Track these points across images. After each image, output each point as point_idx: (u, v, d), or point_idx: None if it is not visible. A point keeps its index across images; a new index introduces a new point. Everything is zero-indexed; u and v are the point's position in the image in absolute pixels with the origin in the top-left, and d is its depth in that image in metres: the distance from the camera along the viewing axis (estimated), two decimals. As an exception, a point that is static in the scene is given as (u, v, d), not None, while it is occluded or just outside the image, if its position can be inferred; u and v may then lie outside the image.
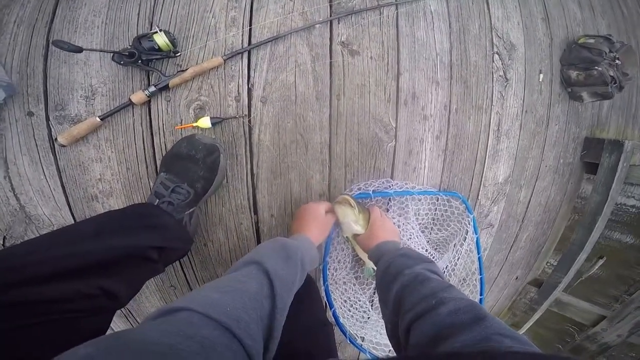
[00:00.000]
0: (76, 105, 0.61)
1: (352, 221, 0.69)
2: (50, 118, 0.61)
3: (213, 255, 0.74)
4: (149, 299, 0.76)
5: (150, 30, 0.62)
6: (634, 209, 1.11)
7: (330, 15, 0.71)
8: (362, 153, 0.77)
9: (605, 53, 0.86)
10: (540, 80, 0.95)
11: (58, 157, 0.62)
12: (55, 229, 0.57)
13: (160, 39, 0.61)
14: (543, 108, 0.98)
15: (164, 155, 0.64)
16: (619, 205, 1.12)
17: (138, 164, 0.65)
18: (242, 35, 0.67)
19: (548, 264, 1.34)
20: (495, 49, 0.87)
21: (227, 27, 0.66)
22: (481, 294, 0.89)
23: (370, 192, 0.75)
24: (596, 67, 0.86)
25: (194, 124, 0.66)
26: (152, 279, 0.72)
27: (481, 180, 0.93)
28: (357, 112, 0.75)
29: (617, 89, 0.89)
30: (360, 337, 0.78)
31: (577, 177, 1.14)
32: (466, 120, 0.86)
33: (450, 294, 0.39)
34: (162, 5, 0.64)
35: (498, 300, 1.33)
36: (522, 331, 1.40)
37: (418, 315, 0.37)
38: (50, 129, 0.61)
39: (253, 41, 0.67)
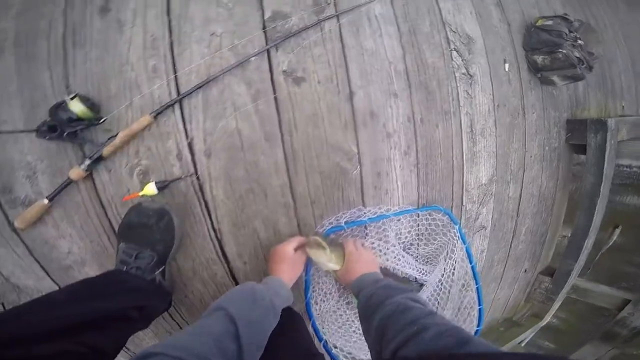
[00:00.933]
0: (22, 186, 0.58)
1: (326, 261, 0.65)
2: (2, 203, 0.57)
3: (196, 303, 0.70)
4: (150, 343, 0.72)
5: (67, 96, 0.56)
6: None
7: (266, 44, 0.65)
8: (326, 187, 0.71)
9: (566, 34, 0.81)
10: (507, 70, 0.89)
11: (23, 238, 0.59)
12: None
13: (77, 107, 0.54)
14: (516, 98, 0.92)
15: (119, 225, 0.60)
16: (626, 168, 1.04)
17: (100, 237, 0.62)
18: (169, 84, 0.60)
19: (562, 236, 1.26)
20: (452, 46, 0.81)
21: (149, 79, 0.60)
22: (480, 304, 0.84)
23: (343, 224, 0.70)
24: (560, 50, 0.80)
25: (140, 194, 0.60)
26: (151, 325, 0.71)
27: (462, 186, 0.87)
28: (314, 145, 0.69)
29: (587, 70, 0.83)
30: None
31: (566, 160, 1.08)
32: (434, 129, 0.80)
33: (432, 320, 0.40)
34: (74, 65, 0.57)
35: (511, 294, 1.27)
36: (545, 321, 1.33)
37: (401, 343, 0.38)
38: (6, 214, 0.58)
39: (182, 90, 0.61)
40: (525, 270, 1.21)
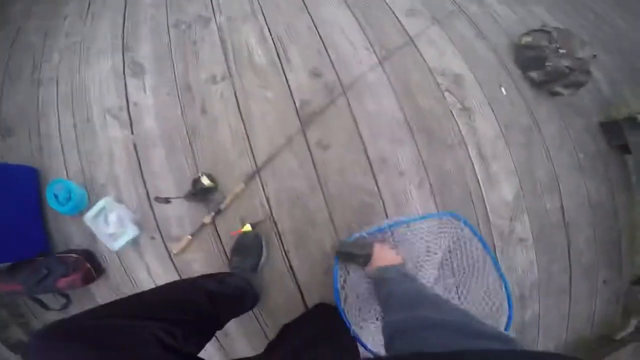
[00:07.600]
0: (175, 229, 0.98)
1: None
2: (164, 239, 0.98)
3: (273, 307, 0.97)
4: (239, 340, 1.00)
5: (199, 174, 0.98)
6: None
7: (301, 125, 0.97)
8: (359, 218, 0.94)
9: (547, 46, 0.83)
10: (504, 93, 0.94)
11: (174, 262, 0.97)
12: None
13: (206, 181, 0.94)
14: (524, 117, 0.96)
15: (232, 247, 0.94)
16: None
17: (222, 258, 0.96)
18: (249, 160, 0.97)
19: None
20: (444, 88, 0.94)
21: (240, 156, 0.96)
22: (509, 305, 0.82)
23: (364, 234, 0.88)
24: (547, 64, 0.82)
25: (242, 230, 0.99)
26: (239, 326, 0.98)
27: (485, 205, 0.95)
28: (344, 190, 0.94)
29: (585, 74, 0.82)
30: None
31: (617, 162, 1.01)
32: (443, 162, 0.94)
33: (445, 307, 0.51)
34: (198, 154, 0.98)
35: (594, 309, 1.15)
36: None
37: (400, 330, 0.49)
38: (166, 247, 0.97)
39: (258, 163, 0.97)
40: (605, 282, 1.11)
